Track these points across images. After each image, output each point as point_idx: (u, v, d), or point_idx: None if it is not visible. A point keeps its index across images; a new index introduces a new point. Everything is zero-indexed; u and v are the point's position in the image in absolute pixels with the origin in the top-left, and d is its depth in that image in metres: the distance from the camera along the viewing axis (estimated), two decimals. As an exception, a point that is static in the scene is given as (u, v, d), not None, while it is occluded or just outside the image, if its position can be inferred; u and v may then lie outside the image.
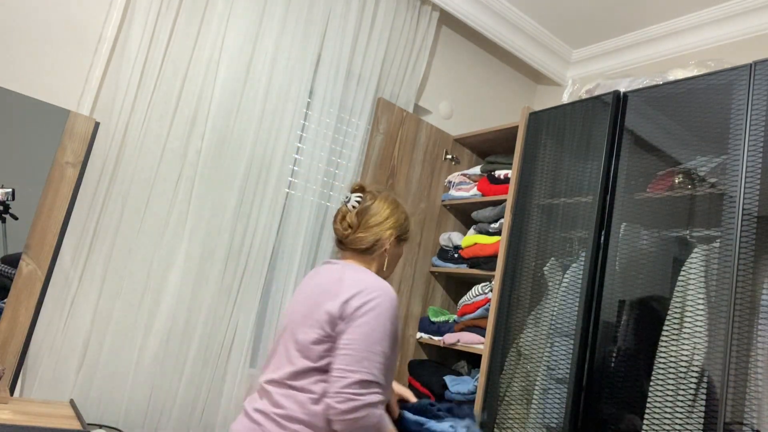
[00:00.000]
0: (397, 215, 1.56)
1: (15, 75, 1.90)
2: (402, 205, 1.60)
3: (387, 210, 1.56)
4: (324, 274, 1.49)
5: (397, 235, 1.55)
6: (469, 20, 2.94)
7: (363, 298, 1.35)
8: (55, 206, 1.91)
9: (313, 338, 1.35)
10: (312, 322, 1.37)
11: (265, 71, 2.34)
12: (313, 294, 1.43)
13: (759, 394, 1.48)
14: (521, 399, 2.04)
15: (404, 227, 1.58)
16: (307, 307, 1.42)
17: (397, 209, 1.57)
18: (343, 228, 1.54)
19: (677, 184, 1.84)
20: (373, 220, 1.53)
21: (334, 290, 1.39)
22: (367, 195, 1.57)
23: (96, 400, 1.97)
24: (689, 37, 2.81)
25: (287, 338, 1.42)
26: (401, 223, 1.57)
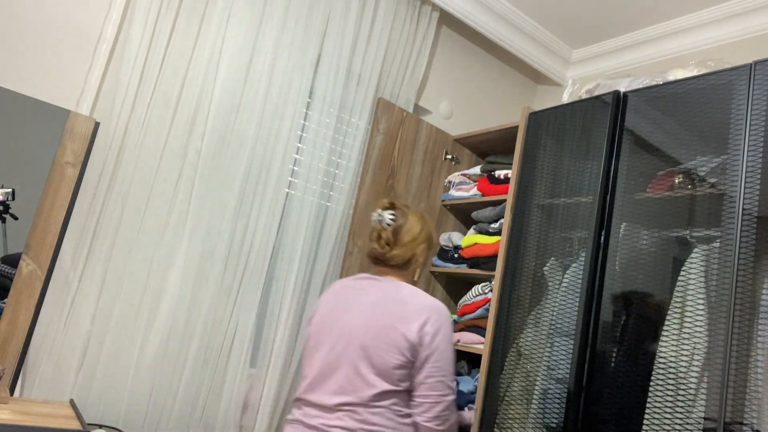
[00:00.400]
0: (427, 229, 1.66)
1: (15, 75, 1.90)
2: (427, 217, 1.70)
3: (418, 225, 1.64)
4: (376, 291, 1.54)
5: (427, 248, 1.67)
6: (469, 20, 2.94)
7: (435, 324, 1.47)
8: (55, 206, 1.91)
9: (395, 364, 1.44)
10: (388, 347, 1.44)
11: (265, 71, 2.34)
12: (377, 315, 1.48)
13: (759, 394, 1.48)
14: (521, 399, 2.04)
15: (432, 238, 1.69)
16: (374, 329, 1.47)
17: (426, 223, 1.67)
18: (381, 246, 1.61)
19: (677, 184, 1.84)
20: (408, 236, 1.61)
21: (403, 314, 1.47)
22: (398, 212, 1.64)
23: (96, 400, 1.97)
24: (689, 37, 2.81)
25: (355, 358, 1.46)
26: (430, 234, 1.68)
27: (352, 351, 1.47)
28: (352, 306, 1.53)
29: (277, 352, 2.33)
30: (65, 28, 1.99)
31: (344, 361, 1.47)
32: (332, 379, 1.47)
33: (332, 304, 1.59)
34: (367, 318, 1.49)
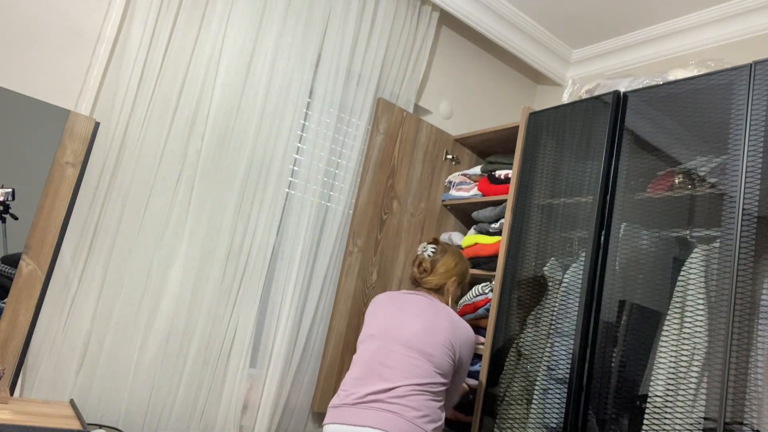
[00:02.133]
0: (460, 266, 2.03)
1: (15, 75, 1.90)
2: (464, 258, 2.07)
3: (452, 262, 2.02)
4: (425, 304, 1.89)
5: (458, 282, 2.03)
6: (469, 20, 2.94)
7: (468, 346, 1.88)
8: (55, 206, 1.91)
9: (449, 364, 1.80)
10: (445, 352, 1.79)
11: (265, 71, 2.34)
12: (429, 324, 1.82)
13: (759, 394, 1.48)
14: (521, 399, 2.04)
15: (463, 275, 2.05)
16: (427, 334, 1.80)
17: (460, 262, 2.04)
18: (420, 272, 2.02)
19: (677, 184, 1.83)
20: (442, 269, 2.00)
21: (450, 328, 1.83)
22: (439, 247, 2.05)
23: (96, 400, 1.97)
24: (689, 37, 2.81)
25: (420, 356, 1.77)
26: (462, 272, 2.04)
27: (416, 350, 1.78)
28: (406, 315, 1.86)
29: (277, 352, 2.33)
30: (65, 28, 1.99)
31: (409, 357, 1.77)
32: (396, 370, 1.74)
33: (385, 311, 1.92)
34: (425, 329, 1.82)
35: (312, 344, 2.45)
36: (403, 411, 1.64)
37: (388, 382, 1.70)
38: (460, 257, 2.05)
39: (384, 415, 1.62)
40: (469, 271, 2.08)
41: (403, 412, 1.64)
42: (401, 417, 1.63)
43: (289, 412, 2.40)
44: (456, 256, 2.03)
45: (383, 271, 2.59)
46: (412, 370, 1.72)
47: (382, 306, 1.94)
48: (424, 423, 1.65)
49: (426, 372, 1.73)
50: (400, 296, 1.95)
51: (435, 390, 1.74)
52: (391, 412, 1.63)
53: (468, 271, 2.07)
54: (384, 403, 1.66)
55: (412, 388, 1.69)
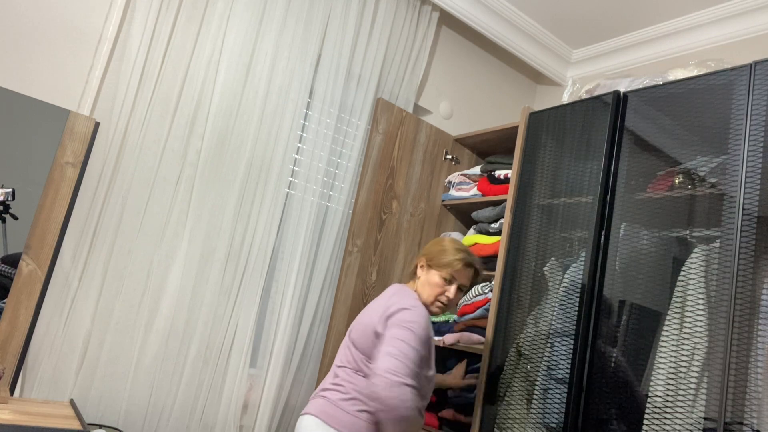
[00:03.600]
0: (428, 247, 1.89)
1: (15, 75, 1.90)
2: (442, 242, 1.88)
3: (429, 244, 1.91)
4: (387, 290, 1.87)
5: (427, 264, 1.85)
6: (469, 20, 2.94)
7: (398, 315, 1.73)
8: (55, 206, 1.91)
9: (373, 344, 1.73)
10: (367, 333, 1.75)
11: (265, 71, 2.34)
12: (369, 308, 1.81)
13: (759, 394, 1.48)
14: (521, 399, 2.04)
15: (430, 255, 1.86)
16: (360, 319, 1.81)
17: (433, 244, 1.89)
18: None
19: (677, 184, 1.83)
20: (419, 254, 1.92)
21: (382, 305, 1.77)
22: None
23: (96, 400, 1.97)
24: (689, 37, 2.81)
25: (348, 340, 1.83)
26: (427, 252, 1.87)
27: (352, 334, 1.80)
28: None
29: (277, 352, 2.33)
30: (66, 28, 1.99)
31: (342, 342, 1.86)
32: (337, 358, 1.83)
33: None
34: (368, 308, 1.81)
35: (312, 344, 2.45)
36: (331, 395, 1.71)
37: (333, 373, 1.79)
38: (438, 241, 1.90)
39: (316, 402, 1.72)
40: (446, 257, 1.82)
41: (330, 396, 1.71)
42: (327, 400, 1.70)
43: (289, 412, 2.40)
44: (436, 241, 1.91)
45: (383, 271, 2.59)
46: (344, 357, 1.77)
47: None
48: (347, 405, 1.67)
49: (355, 357, 1.74)
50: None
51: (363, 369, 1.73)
52: (323, 397, 1.72)
53: (442, 254, 1.83)
54: (324, 390, 1.75)
55: (344, 372, 1.74)
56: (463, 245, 1.88)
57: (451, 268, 1.79)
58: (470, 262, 1.84)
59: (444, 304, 1.81)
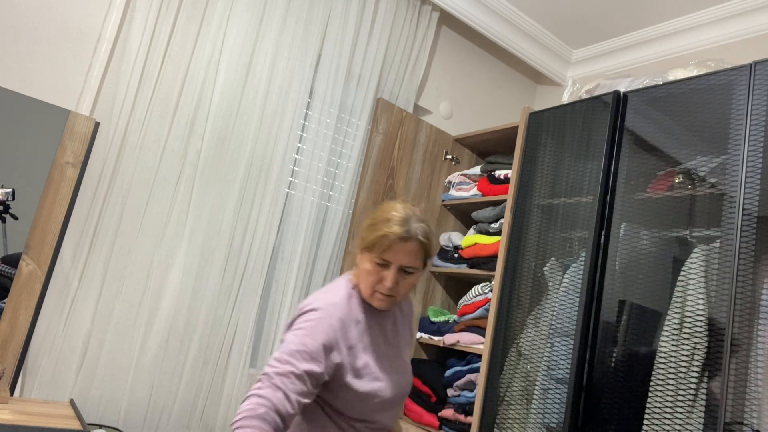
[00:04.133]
0: (365, 220, 1.36)
1: (15, 75, 1.90)
2: (379, 213, 1.33)
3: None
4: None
5: (362, 248, 1.33)
6: (469, 20, 2.94)
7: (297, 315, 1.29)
8: (55, 206, 1.91)
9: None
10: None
11: (265, 71, 2.34)
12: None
13: (759, 394, 1.48)
14: (521, 399, 2.04)
15: (362, 232, 1.33)
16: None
17: (370, 216, 1.36)
18: None
19: (677, 184, 1.83)
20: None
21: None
22: None
23: (96, 400, 1.97)
24: (689, 37, 2.81)
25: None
26: (362, 226, 1.35)
27: None
28: None
29: (277, 352, 2.33)
30: (65, 28, 1.99)
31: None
32: None
33: None
34: None
35: (312, 344, 2.45)
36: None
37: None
38: (373, 212, 1.36)
39: None
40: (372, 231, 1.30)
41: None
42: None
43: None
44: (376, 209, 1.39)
45: (383, 271, 2.58)
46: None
47: None
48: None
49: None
50: None
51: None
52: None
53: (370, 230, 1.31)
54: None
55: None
56: (401, 210, 1.32)
57: (380, 248, 1.27)
58: (405, 235, 1.27)
59: (387, 296, 1.31)
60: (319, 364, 1.19)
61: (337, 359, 1.24)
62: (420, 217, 1.33)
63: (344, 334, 1.27)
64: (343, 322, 1.28)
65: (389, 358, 1.37)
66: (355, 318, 1.32)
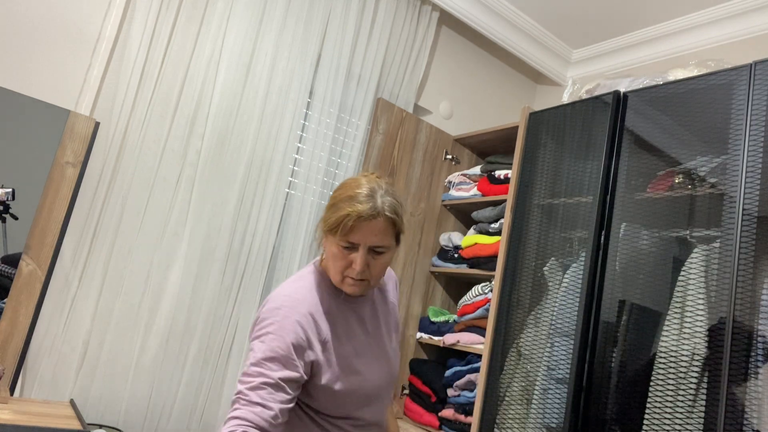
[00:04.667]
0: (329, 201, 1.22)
1: (15, 75, 1.90)
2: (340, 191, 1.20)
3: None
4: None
5: (323, 228, 1.21)
6: (469, 20, 2.94)
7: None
8: (55, 206, 1.91)
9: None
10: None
11: (265, 71, 2.34)
12: None
13: (759, 394, 1.48)
14: (521, 399, 2.04)
15: (325, 214, 1.21)
16: None
17: (332, 196, 1.22)
18: None
19: (677, 184, 1.83)
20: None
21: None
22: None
23: (96, 400, 1.97)
24: (689, 37, 2.81)
25: None
26: (326, 207, 1.23)
27: None
28: None
29: (277, 352, 2.33)
30: (65, 28, 1.99)
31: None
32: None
33: None
34: None
35: (312, 344, 2.45)
36: None
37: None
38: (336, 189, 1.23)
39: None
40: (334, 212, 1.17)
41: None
42: None
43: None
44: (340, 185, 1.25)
45: (383, 271, 2.58)
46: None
47: None
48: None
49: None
50: None
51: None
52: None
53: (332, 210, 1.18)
54: None
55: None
56: (365, 184, 1.18)
57: (344, 230, 1.14)
58: (371, 212, 1.14)
59: (358, 280, 1.19)
60: (295, 368, 1.09)
61: (311, 357, 1.14)
62: (388, 190, 1.19)
63: (315, 329, 1.16)
64: (312, 316, 1.17)
65: (369, 348, 1.26)
66: (325, 309, 1.20)
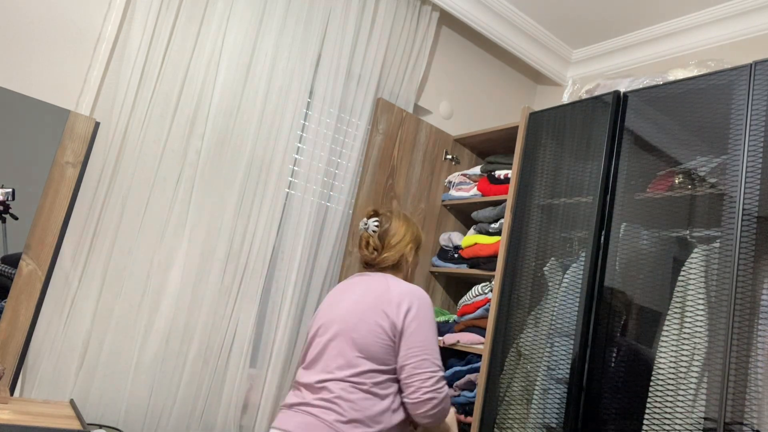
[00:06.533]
0: (412, 230, 1.76)
1: (15, 75, 1.90)
2: (412, 219, 1.78)
3: (403, 228, 1.74)
4: (365, 283, 1.66)
5: (415, 248, 1.76)
6: (469, 20, 2.94)
7: (414, 307, 1.56)
8: (55, 206, 1.91)
9: (378, 343, 1.53)
10: (370, 327, 1.54)
11: (265, 71, 2.34)
12: (362, 300, 1.59)
13: (759, 394, 1.48)
14: (521, 399, 2.04)
15: (419, 239, 1.78)
16: (359, 313, 1.57)
17: (410, 225, 1.76)
18: (370, 252, 1.73)
19: (677, 184, 1.83)
20: (394, 239, 1.72)
21: (385, 297, 1.57)
22: (382, 217, 1.75)
23: (96, 400, 1.97)
24: (689, 37, 2.81)
25: (341, 340, 1.56)
26: (416, 235, 1.77)
27: (339, 334, 1.57)
28: (344, 299, 1.65)
29: (277, 352, 2.33)
30: (65, 28, 1.99)
31: (332, 345, 1.58)
32: (320, 362, 1.58)
33: (329, 301, 1.72)
34: (353, 304, 1.60)
35: (312, 344, 2.45)
36: (325, 414, 1.48)
37: (316, 379, 1.54)
38: (408, 220, 1.77)
39: (303, 419, 1.49)
40: (422, 235, 1.80)
41: (323, 415, 1.47)
42: (320, 420, 1.47)
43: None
44: (404, 221, 1.76)
45: (383, 271, 2.59)
46: (338, 362, 1.53)
47: (328, 297, 1.73)
48: (348, 428, 1.45)
49: (352, 361, 1.51)
50: (347, 282, 1.72)
51: (370, 382, 1.50)
52: (312, 415, 1.49)
53: (421, 234, 1.79)
54: (309, 406, 1.51)
55: (342, 385, 1.50)
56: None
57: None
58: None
59: None
60: None
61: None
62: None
63: None
64: None
65: None
66: None
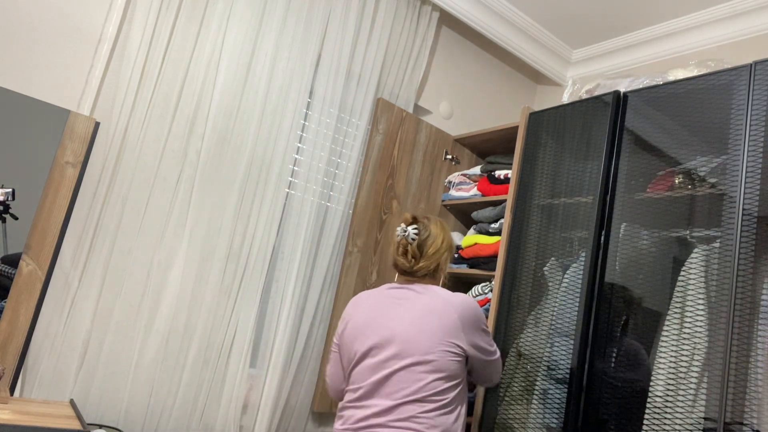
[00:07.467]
0: (447, 239, 1.76)
1: (15, 75, 1.90)
2: (446, 226, 1.79)
3: (440, 237, 1.74)
4: (416, 297, 1.65)
5: (450, 257, 1.79)
6: (469, 20, 2.94)
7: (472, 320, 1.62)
8: (55, 206, 1.91)
9: (455, 361, 1.58)
10: (446, 348, 1.57)
11: (265, 71, 2.34)
12: (422, 321, 1.59)
13: (759, 394, 1.48)
14: (521, 399, 2.04)
15: (453, 247, 1.80)
16: (431, 334, 1.57)
17: (446, 233, 1.76)
18: (408, 260, 1.72)
19: (677, 184, 1.83)
20: (432, 249, 1.72)
21: (450, 315, 1.59)
22: (421, 225, 1.74)
23: (96, 400, 1.97)
24: (689, 37, 2.81)
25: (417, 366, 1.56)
26: (450, 244, 1.78)
27: (408, 356, 1.56)
28: (395, 315, 1.63)
29: (277, 352, 2.33)
30: (66, 28, 1.99)
31: (405, 371, 1.56)
32: (387, 386, 1.56)
33: (371, 315, 1.67)
34: (416, 322, 1.59)
35: (312, 344, 2.45)
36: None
37: (388, 401, 1.54)
38: (444, 228, 1.78)
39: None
40: (453, 239, 1.83)
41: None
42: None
43: (289, 412, 2.40)
44: (439, 228, 1.76)
45: (383, 271, 2.59)
46: (412, 385, 1.54)
47: (364, 309, 1.71)
48: None
49: (427, 382, 1.54)
50: (387, 296, 1.70)
51: (443, 399, 1.55)
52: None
53: (452, 239, 1.82)
54: (386, 427, 1.52)
55: (415, 406, 1.53)
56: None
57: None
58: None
59: None
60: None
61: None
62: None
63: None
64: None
65: None
66: None
